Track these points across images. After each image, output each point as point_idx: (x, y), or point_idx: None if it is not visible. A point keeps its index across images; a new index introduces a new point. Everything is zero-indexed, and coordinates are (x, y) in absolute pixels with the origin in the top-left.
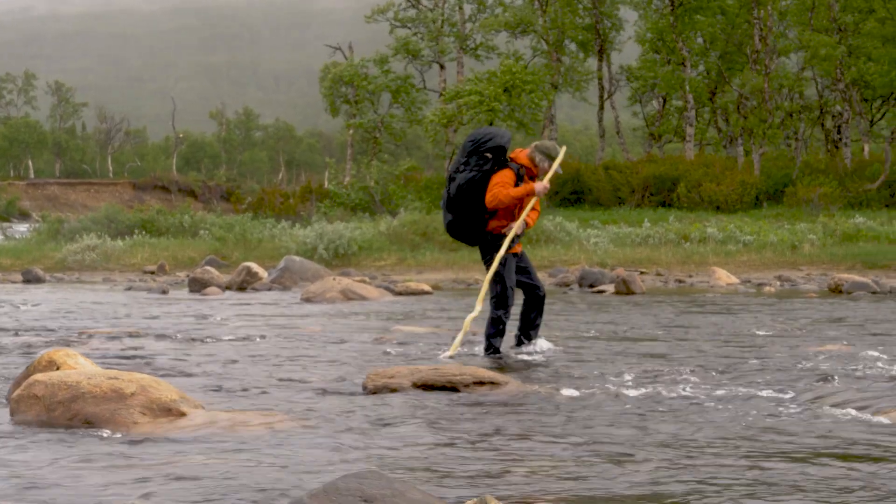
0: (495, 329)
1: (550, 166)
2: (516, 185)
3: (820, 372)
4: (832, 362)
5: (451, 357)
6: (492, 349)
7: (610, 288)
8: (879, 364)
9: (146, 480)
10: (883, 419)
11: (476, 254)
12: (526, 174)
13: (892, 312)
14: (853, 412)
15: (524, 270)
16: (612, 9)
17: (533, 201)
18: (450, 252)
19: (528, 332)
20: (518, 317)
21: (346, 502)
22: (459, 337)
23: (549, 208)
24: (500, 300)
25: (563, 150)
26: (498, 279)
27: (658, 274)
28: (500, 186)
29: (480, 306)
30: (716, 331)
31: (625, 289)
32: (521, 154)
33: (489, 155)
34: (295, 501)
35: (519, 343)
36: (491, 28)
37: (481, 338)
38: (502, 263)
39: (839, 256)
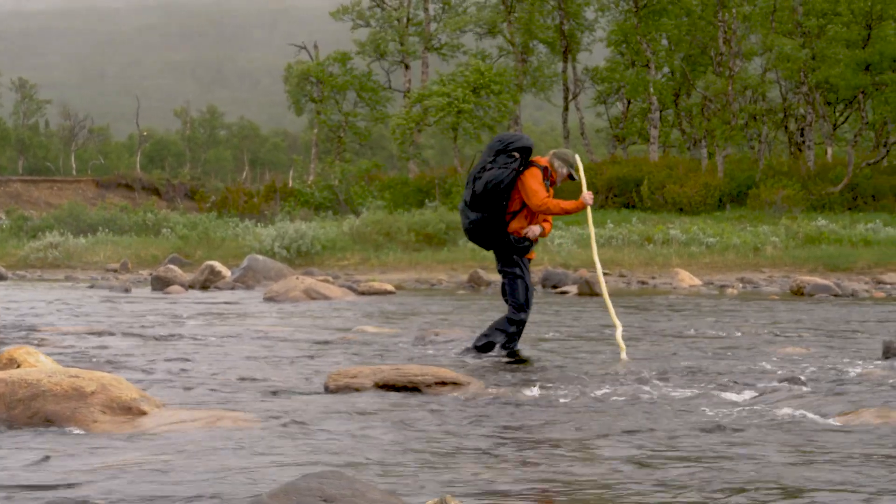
0: (515, 329)
1: (568, 172)
2: (544, 182)
3: (780, 375)
4: (792, 365)
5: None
6: (509, 347)
7: (573, 289)
8: (839, 367)
9: (106, 479)
10: (840, 422)
11: (439, 254)
12: (547, 177)
13: (852, 315)
14: (811, 415)
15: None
16: (577, 10)
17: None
18: (413, 252)
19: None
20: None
21: (306, 502)
22: (619, 341)
23: None
24: (519, 301)
25: (578, 159)
26: (519, 281)
27: (621, 275)
28: (543, 191)
29: (617, 320)
30: (677, 332)
31: (588, 290)
32: (540, 159)
33: (516, 154)
34: (255, 500)
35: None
36: (457, 28)
37: (445, 339)
38: (521, 266)
39: (801, 259)
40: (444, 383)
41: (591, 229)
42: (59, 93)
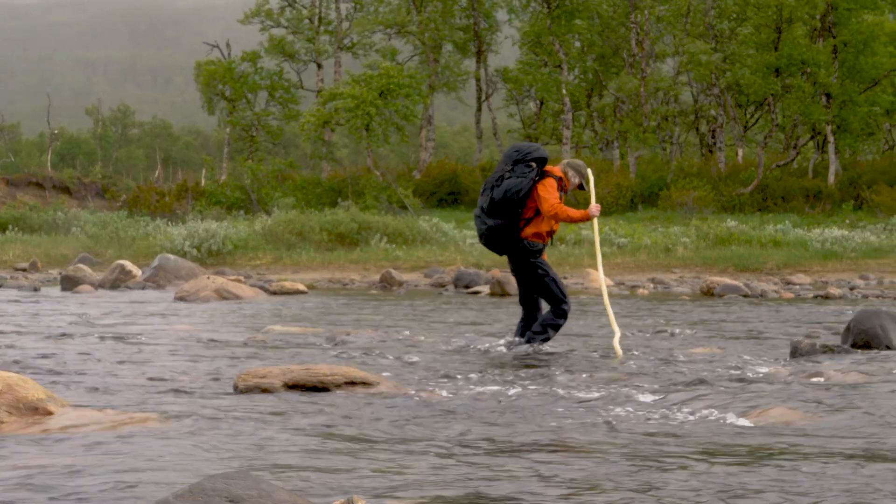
0: (556, 320)
1: (579, 182)
2: (558, 192)
3: (689, 375)
4: (702, 365)
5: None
6: (545, 337)
7: (485, 289)
8: (748, 367)
9: (10, 482)
10: (747, 421)
11: (351, 254)
12: (562, 187)
13: (761, 316)
14: (720, 415)
15: None
16: (489, 10)
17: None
18: (325, 252)
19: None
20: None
21: (212, 503)
22: (616, 346)
23: (426, 209)
24: (557, 297)
25: (590, 172)
26: (548, 280)
27: None
28: (554, 198)
29: (617, 328)
30: (587, 332)
31: (500, 290)
32: (555, 169)
33: (534, 164)
34: (161, 502)
35: (527, 341)
36: (365, 29)
37: (356, 339)
38: (543, 266)
39: (712, 259)
40: (353, 383)
41: (597, 239)
42: None
